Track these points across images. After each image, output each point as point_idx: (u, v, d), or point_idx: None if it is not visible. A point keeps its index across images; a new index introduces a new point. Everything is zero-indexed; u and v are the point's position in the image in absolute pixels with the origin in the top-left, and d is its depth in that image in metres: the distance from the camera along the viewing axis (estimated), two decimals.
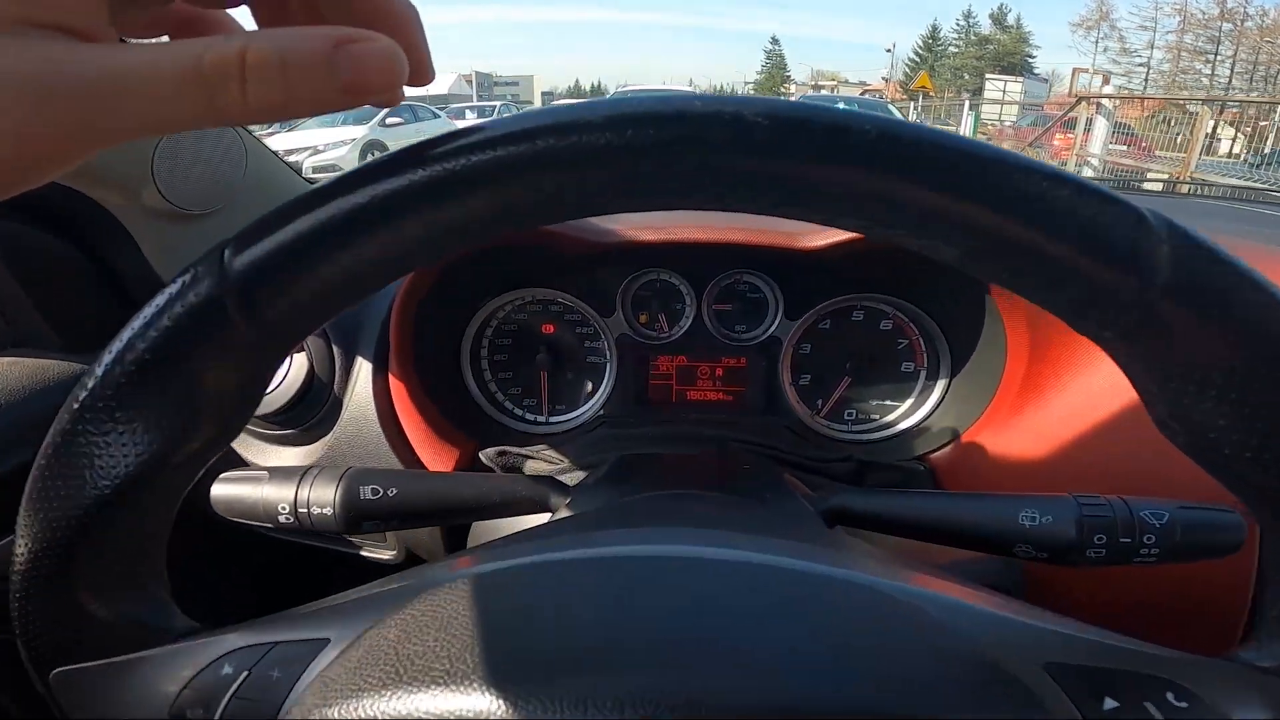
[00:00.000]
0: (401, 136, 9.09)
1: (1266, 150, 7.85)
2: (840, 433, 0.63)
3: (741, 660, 0.19)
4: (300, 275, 0.20)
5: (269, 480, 0.39)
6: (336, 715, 0.18)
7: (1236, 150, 9.38)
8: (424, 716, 0.17)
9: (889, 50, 37.57)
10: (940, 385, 0.61)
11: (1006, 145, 1.05)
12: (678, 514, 0.31)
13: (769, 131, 0.18)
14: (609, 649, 0.19)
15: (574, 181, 0.19)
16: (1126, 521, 0.32)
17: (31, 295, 0.54)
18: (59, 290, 0.56)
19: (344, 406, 0.57)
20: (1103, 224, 0.18)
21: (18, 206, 0.52)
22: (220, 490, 0.40)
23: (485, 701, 0.17)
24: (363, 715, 0.18)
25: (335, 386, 0.56)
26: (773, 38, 53.44)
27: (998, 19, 36.62)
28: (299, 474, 0.39)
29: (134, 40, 0.19)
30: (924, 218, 0.19)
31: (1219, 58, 24.52)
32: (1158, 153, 7.41)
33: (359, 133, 8.74)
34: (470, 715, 0.17)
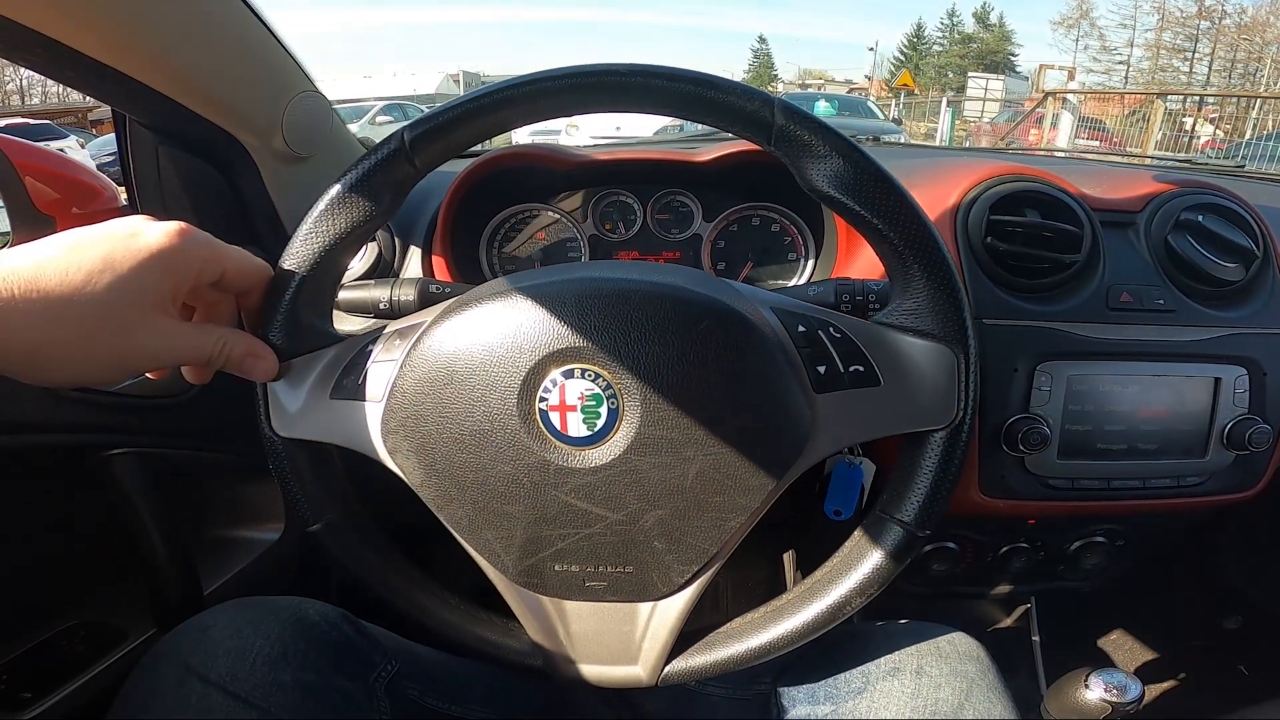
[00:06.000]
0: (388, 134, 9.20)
1: (1242, 142, 8.10)
2: None
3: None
4: (437, 139, 0.45)
5: (373, 288, 0.64)
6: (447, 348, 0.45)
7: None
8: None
9: (871, 49, 37.84)
10: (810, 264, 0.87)
11: (984, 141, 1.26)
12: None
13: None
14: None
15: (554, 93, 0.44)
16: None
17: (185, 205, 0.78)
18: (204, 204, 0.79)
19: (400, 278, 0.82)
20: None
21: (179, 136, 0.76)
22: (344, 295, 0.64)
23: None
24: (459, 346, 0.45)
25: (395, 264, 0.82)
26: (760, 37, 53.12)
27: (981, 17, 36.95)
28: (389, 284, 0.64)
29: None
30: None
31: (1197, 55, 24.97)
32: (1129, 148, 7.69)
33: (350, 129, 8.87)
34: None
